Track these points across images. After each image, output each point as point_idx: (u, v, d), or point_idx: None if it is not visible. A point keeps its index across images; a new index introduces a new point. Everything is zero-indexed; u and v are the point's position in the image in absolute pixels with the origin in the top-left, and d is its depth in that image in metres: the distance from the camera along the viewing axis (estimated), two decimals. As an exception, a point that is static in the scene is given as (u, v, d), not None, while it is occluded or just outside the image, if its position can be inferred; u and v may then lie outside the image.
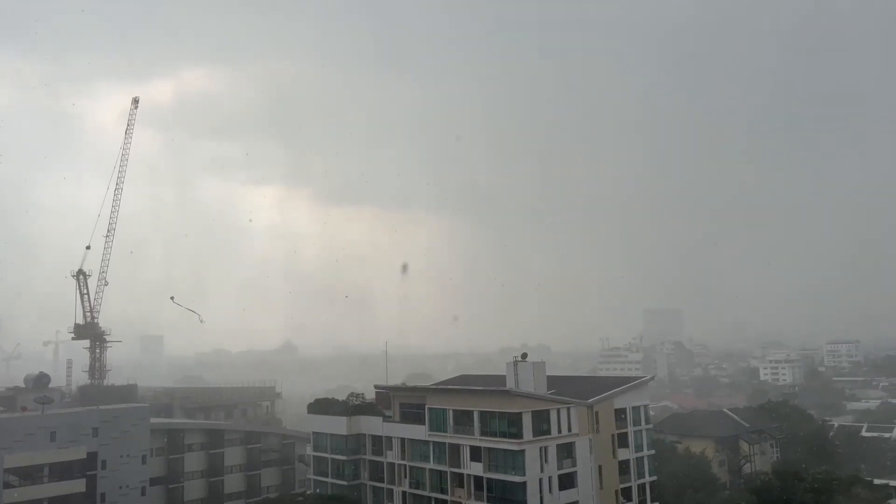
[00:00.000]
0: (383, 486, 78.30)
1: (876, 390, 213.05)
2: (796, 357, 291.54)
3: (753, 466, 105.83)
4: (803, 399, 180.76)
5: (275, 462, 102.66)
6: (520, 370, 71.46)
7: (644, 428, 76.34)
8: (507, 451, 65.82)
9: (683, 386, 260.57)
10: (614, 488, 71.35)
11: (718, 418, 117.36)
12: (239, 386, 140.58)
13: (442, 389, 80.00)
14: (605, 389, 75.31)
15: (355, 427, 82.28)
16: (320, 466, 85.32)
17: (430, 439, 73.15)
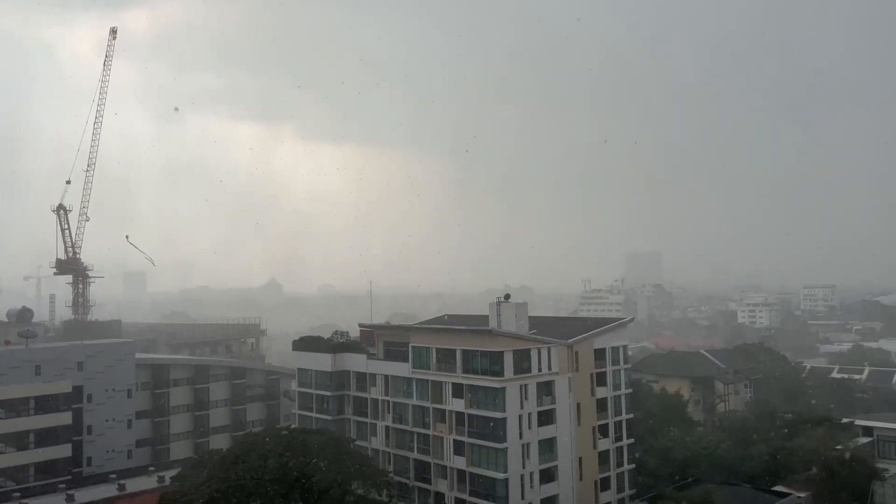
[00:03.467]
0: (367, 420, 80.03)
1: (849, 333, 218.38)
2: (774, 301, 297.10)
3: (727, 406, 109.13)
4: (779, 341, 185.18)
5: (260, 397, 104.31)
6: (502, 311, 72.37)
7: (622, 367, 78.06)
8: (488, 388, 67.21)
9: (662, 328, 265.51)
10: (592, 425, 73.38)
11: (695, 359, 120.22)
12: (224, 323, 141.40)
13: (425, 328, 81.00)
14: (585, 330, 76.61)
15: (340, 364, 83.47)
16: (305, 402, 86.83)
17: (414, 376, 74.48)
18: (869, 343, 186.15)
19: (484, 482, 67.06)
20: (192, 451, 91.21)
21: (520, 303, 74.60)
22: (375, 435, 78.86)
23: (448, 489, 70.08)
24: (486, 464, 67.01)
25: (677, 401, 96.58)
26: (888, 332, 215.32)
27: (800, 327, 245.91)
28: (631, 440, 77.01)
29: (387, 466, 75.19)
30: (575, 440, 71.33)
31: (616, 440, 75.62)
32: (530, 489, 66.96)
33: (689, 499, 62.35)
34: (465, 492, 68.36)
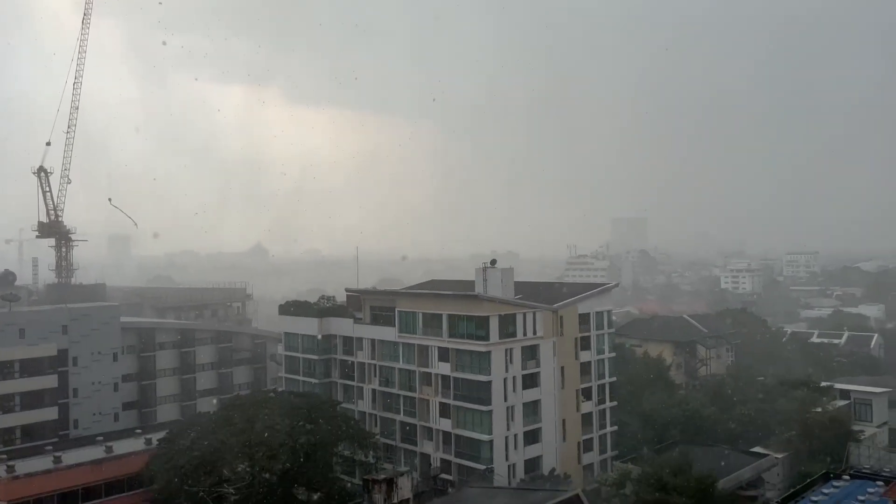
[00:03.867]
0: (353, 384, 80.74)
1: (829, 299, 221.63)
2: (757, 267, 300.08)
3: (709, 369, 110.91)
4: (760, 307, 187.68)
5: (246, 361, 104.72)
6: (488, 276, 72.74)
7: (606, 332, 79.03)
8: (473, 352, 67.89)
9: (646, 293, 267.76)
10: (575, 388, 74.51)
11: (678, 324, 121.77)
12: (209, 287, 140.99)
13: (412, 293, 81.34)
14: (570, 295, 77.26)
15: (326, 328, 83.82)
16: (292, 365, 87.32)
17: (400, 341, 74.99)
18: (848, 308, 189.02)
19: (469, 443, 68.15)
20: (179, 414, 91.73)
21: (506, 268, 74.97)
22: (362, 398, 79.64)
23: (434, 450, 71.16)
24: (472, 426, 68.03)
25: (659, 364, 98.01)
26: (867, 298, 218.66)
27: (782, 293, 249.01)
28: (613, 403, 78.34)
29: (373, 428, 76.12)
30: (558, 403, 72.48)
31: (599, 403, 76.88)
32: (514, 450, 68.17)
33: (668, 459, 63.71)
34: (451, 453, 69.48)
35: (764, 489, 65.76)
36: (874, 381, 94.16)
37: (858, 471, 64.11)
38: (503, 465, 66.92)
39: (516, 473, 67.64)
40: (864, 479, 60.98)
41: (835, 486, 59.03)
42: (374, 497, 44.98)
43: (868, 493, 57.08)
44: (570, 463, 72.36)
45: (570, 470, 70.91)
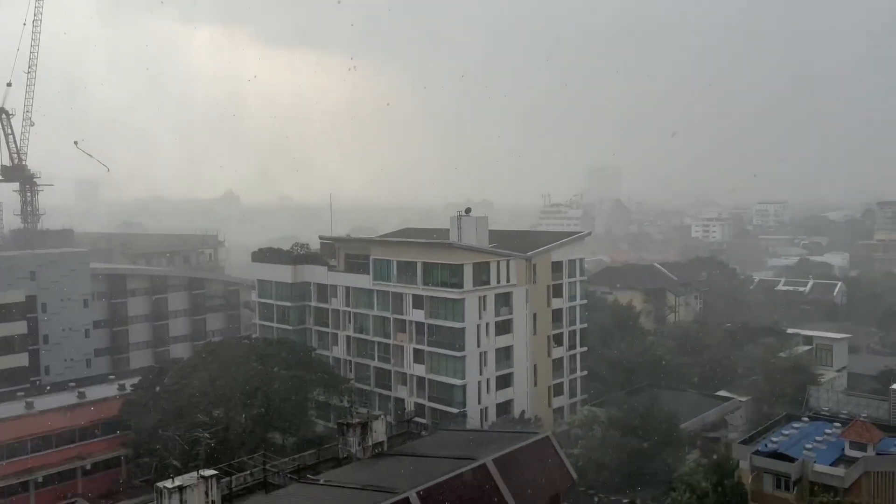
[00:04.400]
0: (328, 330, 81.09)
1: (796, 248, 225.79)
2: (727, 216, 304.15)
3: (677, 316, 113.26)
4: (730, 255, 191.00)
5: (220, 307, 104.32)
6: (463, 224, 72.73)
7: (578, 280, 79.94)
8: (447, 299, 68.38)
9: (619, 241, 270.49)
10: (547, 334, 75.68)
11: (649, 272, 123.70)
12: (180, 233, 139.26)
13: (386, 241, 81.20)
14: (543, 244, 77.75)
15: (300, 275, 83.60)
16: (266, 312, 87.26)
17: (375, 288, 75.16)
18: (815, 257, 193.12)
19: (442, 388, 69.25)
20: (152, 361, 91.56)
21: (480, 216, 74.96)
22: (337, 344, 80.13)
23: (408, 395, 72.23)
24: (445, 371, 69.02)
25: (629, 312, 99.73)
26: (833, 247, 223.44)
27: (751, 242, 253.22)
28: (584, 349, 79.84)
29: (348, 374, 76.89)
30: (530, 348, 73.65)
31: (570, 349, 78.30)
32: (486, 394, 69.46)
33: (635, 403, 65.48)
34: (425, 397, 70.61)
35: (727, 430, 68.06)
36: (836, 328, 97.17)
37: (818, 413, 66.60)
38: (475, 408, 68.25)
39: (488, 417, 69.10)
40: (823, 420, 63.41)
41: (794, 428, 61.31)
42: (349, 440, 45.62)
43: (826, 433, 59.43)
44: (540, 406, 74.00)
45: (541, 413, 72.59)
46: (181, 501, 36.04)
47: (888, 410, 62.66)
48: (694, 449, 63.03)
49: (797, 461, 52.50)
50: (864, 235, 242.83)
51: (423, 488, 36.74)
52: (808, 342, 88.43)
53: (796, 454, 54.11)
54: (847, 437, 55.55)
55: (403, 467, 43.92)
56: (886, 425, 59.78)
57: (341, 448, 46.25)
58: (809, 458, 53.18)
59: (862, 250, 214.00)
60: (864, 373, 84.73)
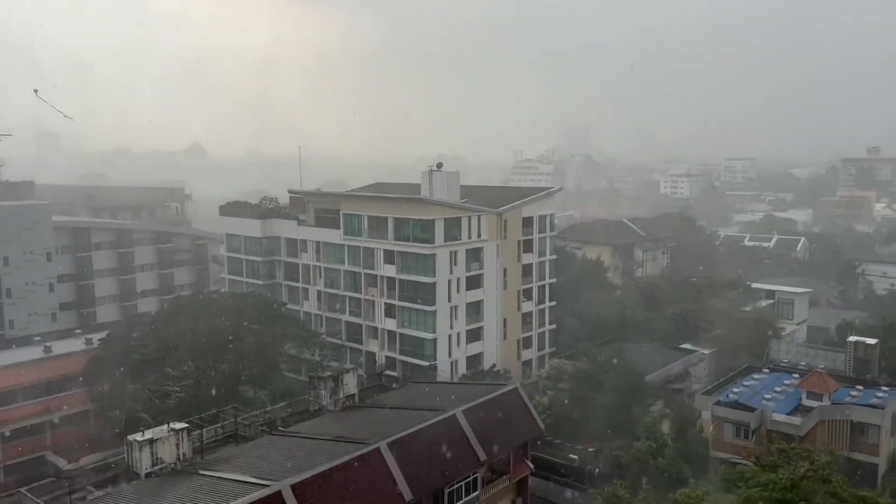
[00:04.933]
0: (298, 285, 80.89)
1: (762, 204, 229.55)
2: (696, 172, 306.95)
3: (645, 271, 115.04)
4: (697, 211, 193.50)
5: (187, 261, 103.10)
6: (434, 179, 72.40)
7: (548, 235, 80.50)
8: (419, 254, 68.47)
9: (589, 197, 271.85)
10: (517, 289, 76.45)
11: (618, 228, 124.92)
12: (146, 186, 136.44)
13: (357, 196, 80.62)
14: (514, 199, 77.89)
15: (269, 230, 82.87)
16: (234, 267, 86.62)
17: (345, 243, 74.90)
18: (779, 213, 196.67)
19: (414, 342, 69.86)
20: (119, 315, 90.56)
21: (451, 172, 74.64)
22: (307, 299, 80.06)
23: (379, 348, 72.78)
24: (416, 325, 69.54)
25: (598, 266, 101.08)
26: (798, 203, 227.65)
27: (718, 198, 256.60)
28: (553, 303, 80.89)
29: (319, 328, 77.04)
30: (500, 303, 74.41)
31: (539, 303, 79.27)
32: (457, 348, 70.29)
33: (602, 356, 66.86)
34: (396, 351, 71.22)
35: (690, 382, 69.99)
36: (798, 282, 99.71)
37: (777, 364, 68.77)
38: (446, 361, 69.11)
39: (458, 369, 70.03)
40: (782, 372, 65.53)
41: (755, 379, 63.29)
42: (320, 393, 46.00)
43: (784, 384, 61.48)
44: (509, 359, 75.18)
45: (510, 366, 73.78)
46: (152, 454, 36.19)
47: (844, 362, 64.88)
48: (658, 400, 64.79)
49: (756, 411, 54.33)
50: (828, 192, 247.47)
51: (394, 439, 37.33)
52: (770, 296, 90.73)
53: (756, 404, 55.96)
54: (804, 387, 57.51)
55: (374, 419, 44.51)
56: (842, 376, 62.01)
57: (312, 401, 46.65)
58: (768, 408, 55.07)
59: (825, 207, 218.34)
60: (823, 326, 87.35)
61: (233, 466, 36.71)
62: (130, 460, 36.47)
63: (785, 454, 41.24)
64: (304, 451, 38.00)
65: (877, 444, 53.98)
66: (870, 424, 54.16)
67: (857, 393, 58.13)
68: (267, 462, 37.05)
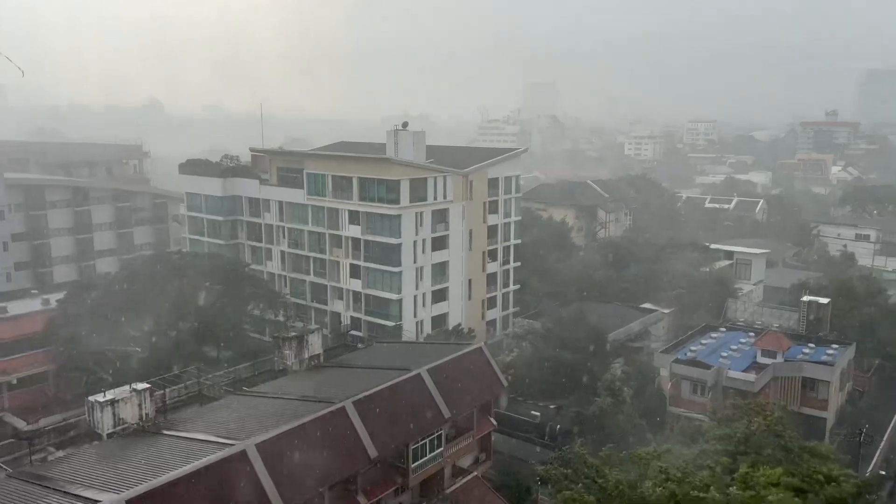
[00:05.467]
0: (262, 245, 79.98)
1: (723, 166, 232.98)
2: (659, 134, 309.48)
3: (608, 232, 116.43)
4: (660, 173, 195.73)
5: (147, 221, 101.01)
6: (400, 139, 71.65)
7: (514, 196, 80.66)
8: (384, 215, 68.08)
9: (554, 158, 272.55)
10: (482, 250, 76.76)
11: (582, 189, 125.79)
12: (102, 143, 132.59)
13: (321, 155, 79.44)
14: (480, 160, 77.66)
15: (231, 189, 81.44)
16: (196, 226, 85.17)
17: (309, 203, 74.05)
18: (740, 175, 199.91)
19: (379, 302, 69.93)
20: (77, 275, 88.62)
21: (417, 131, 73.94)
22: (271, 259, 79.29)
23: (344, 309, 72.73)
24: (382, 286, 69.53)
25: (562, 227, 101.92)
26: (758, 165, 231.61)
27: (680, 160, 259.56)
28: (517, 263, 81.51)
29: (283, 289, 76.55)
30: (466, 264, 74.72)
31: (504, 264, 79.81)
32: (423, 308, 70.61)
33: (565, 315, 67.83)
34: (361, 311, 71.26)
35: (650, 340, 71.55)
36: (756, 244, 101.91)
37: (734, 324, 70.70)
38: (411, 321, 69.42)
39: (424, 329, 70.47)
40: (739, 330, 67.40)
41: (712, 337, 65.03)
42: (285, 353, 45.92)
43: (740, 342, 63.32)
44: (474, 319, 75.85)
45: (475, 325, 74.48)
46: (114, 414, 35.89)
47: (798, 321, 66.91)
48: (619, 358, 66.23)
49: (713, 368, 55.93)
50: (788, 155, 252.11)
51: (359, 398, 37.58)
52: (728, 257, 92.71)
53: (713, 362, 57.59)
54: (759, 345, 59.30)
55: (339, 378, 44.70)
56: (796, 334, 64.05)
57: (277, 361, 46.59)
58: (724, 366, 56.73)
59: (784, 169, 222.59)
60: (779, 286, 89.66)
61: (197, 426, 36.64)
62: (91, 421, 36.13)
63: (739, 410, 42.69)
64: (269, 410, 38.05)
65: (826, 400, 56.17)
66: (820, 381, 56.26)
67: (809, 350, 60.19)
68: (231, 422, 37.04)
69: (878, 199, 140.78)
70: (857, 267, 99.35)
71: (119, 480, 29.98)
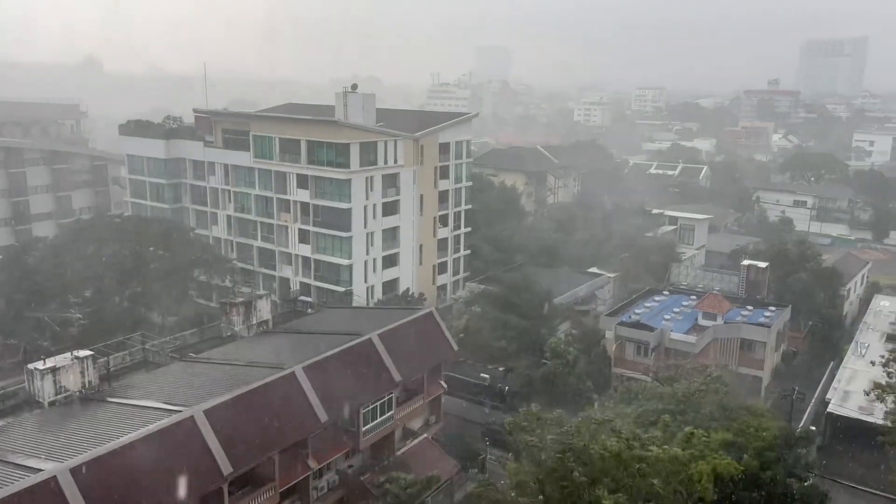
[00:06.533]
0: (207, 209, 78.25)
1: (669, 133, 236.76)
2: (608, 101, 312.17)
3: (557, 198, 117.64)
4: (608, 139, 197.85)
5: (86, 184, 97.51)
6: (349, 101, 70.45)
7: (465, 161, 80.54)
8: (334, 179, 67.24)
9: (505, 123, 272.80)
10: (433, 215, 76.72)
11: (532, 155, 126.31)
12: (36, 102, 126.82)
13: (268, 117, 77.68)
14: (431, 124, 77.09)
15: (174, 151, 79.15)
16: (138, 189, 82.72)
17: (256, 166, 72.55)
18: (685, 142, 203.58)
19: (329, 268, 69.46)
20: (12, 239, 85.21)
21: (367, 94, 72.81)
22: (217, 224, 77.72)
23: (293, 274, 72.03)
24: (332, 251, 69.00)
25: (512, 193, 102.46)
26: (703, 133, 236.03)
27: (628, 126, 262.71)
28: (468, 229, 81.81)
29: (230, 254, 75.28)
30: (417, 229, 74.63)
31: (455, 229, 80.00)
32: (373, 273, 70.44)
33: (513, 280, 68.69)
34: (311, 277, 70.70)
35: (596, 304, 73.16)
36: (699, 209, 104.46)
37: (677, 287, 72.70)
38: (362, 287, 69.23)
39: (374, 295, 70.42)
40: (681, 294, 69.37)
41: (656, 301, 66.80)
42: (233, 319, 45.39)
43: (683, 305, 65.23)
44: (425, 284, 76.11)
45: (426, 290, 74.77)
46: (55, 382, 35.06)
47: (738, 284, 69.21)
48: (566, 321, 67.56)
49: (656, 330, 57.59)
50: (732, 122, 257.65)
51: (309, 363, 37.53)
52: (673, 222, 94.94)
53: (656, 324, 59.26)
54: (700, 308, 61.21)
55: (289, 344, 44.49)
56: (735, 297, 66.30)
57: (225, 327, 46.05)
58: (667, 328, 58.44)
59: (727, 136, 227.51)
60: (720, 250, 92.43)
61: (143, 393, 36.10)
62: (32, 389, 35.22)
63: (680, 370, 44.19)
64: (217, 376, 37.70)
65: (762, 360, 58.59)
66: (757, 342, 58.57)
67: (748, 313, 62.46)
68: (179, 388, 36.60)
69: (815, 167, 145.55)
70: (794, 232, 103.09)
71: (63, 448, 29.43)
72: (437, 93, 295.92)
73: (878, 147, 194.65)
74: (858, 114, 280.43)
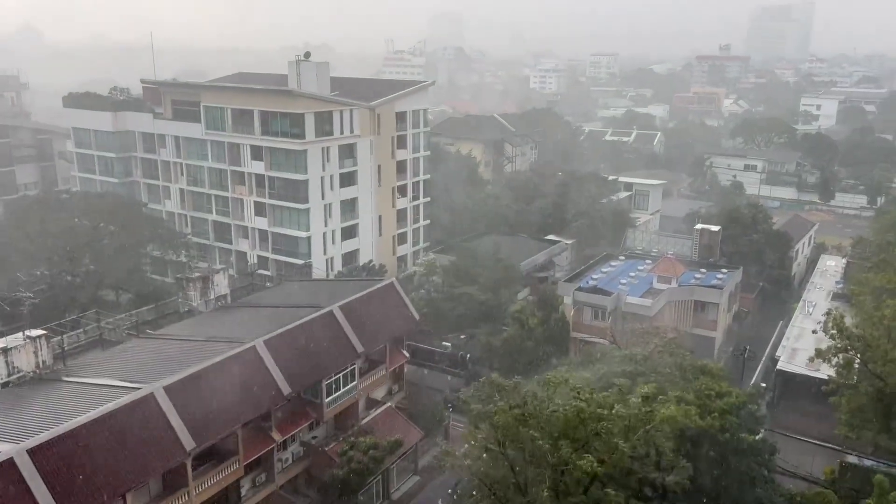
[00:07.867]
0: (158, 183, 76.44)
1: (624, 99, 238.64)
2: (563, 67, 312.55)
3: (514, 166, 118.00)
4: (564, 106, 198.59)
5: (30, 158, 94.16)
6: (302, 70, 69.09)
7: (422, 131, 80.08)
8: (289, 150, 66.24)
9: (461, 91, 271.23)
10: (391, 185, 76.31)
11: (488, 123, 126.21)
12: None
13: (219, 87, 75.74)
14: (387, 93, 76.24)
15: (122, 123, 76.85)
16: (85, 164, 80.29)
17: (208, 138, 70.96)
18: (639, 108, 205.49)
19: (287, 241, 68.77)
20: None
21: (321, 62, 71.54)
22: (169, 198, 76.06)
23: (250, 248, 71.14)
24: (289, 224, 68.26)
25: (470, 162, 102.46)
26: (657, 99, 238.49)
27: (583, 93, 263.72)
28: (427, 199, 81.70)
29: (184, 228, 73.88)
30: (375, 200, 74.21)
31: (413, 199, 79.79)
32: (332, 245, 70.02)
33: (474, 248, 69.05)
34: (268, 250, 69.92)
35: (554, 271, 74.06)
36: (653, 175, 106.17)
37: (632, 252, 73.99)
38: (321, 259, 68.79)
39: (334, 266, 70.04)
40: (637, 258, 70.67)
41: (612, 266, 67.95)
42: (190, 294, 44.78)
43: (638, 269, 66.50)
44: (385, 255, 75.98)
45: (386, 261, 74.66)
46: (7, 363, 34.25)
47: (691, 248, 70.75)
48: (525, 288, 68.26)
49: (612, 295, 58.66)
50: (683, 88, 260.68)
51: (269, 337, 37.34)
52: (628, 188, 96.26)
53: (612, 289, 60.35)
54: (655, 272, 62.49)
55: (248, 318, 44.14)
56: (689, 261, 67.83)
57: (182, 303, 45.45)
58: (623, 292, 59.58)
59: (680, 102, 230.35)
60: (674, 215, 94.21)
61: (99, 371, 35.52)
62: (-17, 372, 34.30)
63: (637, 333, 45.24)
64: (176, 352, 37.26)
65: (715, 321, 60.29)
66: (710, 303, 60.19)
67: (701, 275, 64.04)
68: (137, 365, 36.10)
69: (765, 131, 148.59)
70: (745, 196, 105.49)
71: (19, 430, 28.87)
72: (392, 61, 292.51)
73: (825, 111, 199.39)
74: (806, 78, 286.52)
